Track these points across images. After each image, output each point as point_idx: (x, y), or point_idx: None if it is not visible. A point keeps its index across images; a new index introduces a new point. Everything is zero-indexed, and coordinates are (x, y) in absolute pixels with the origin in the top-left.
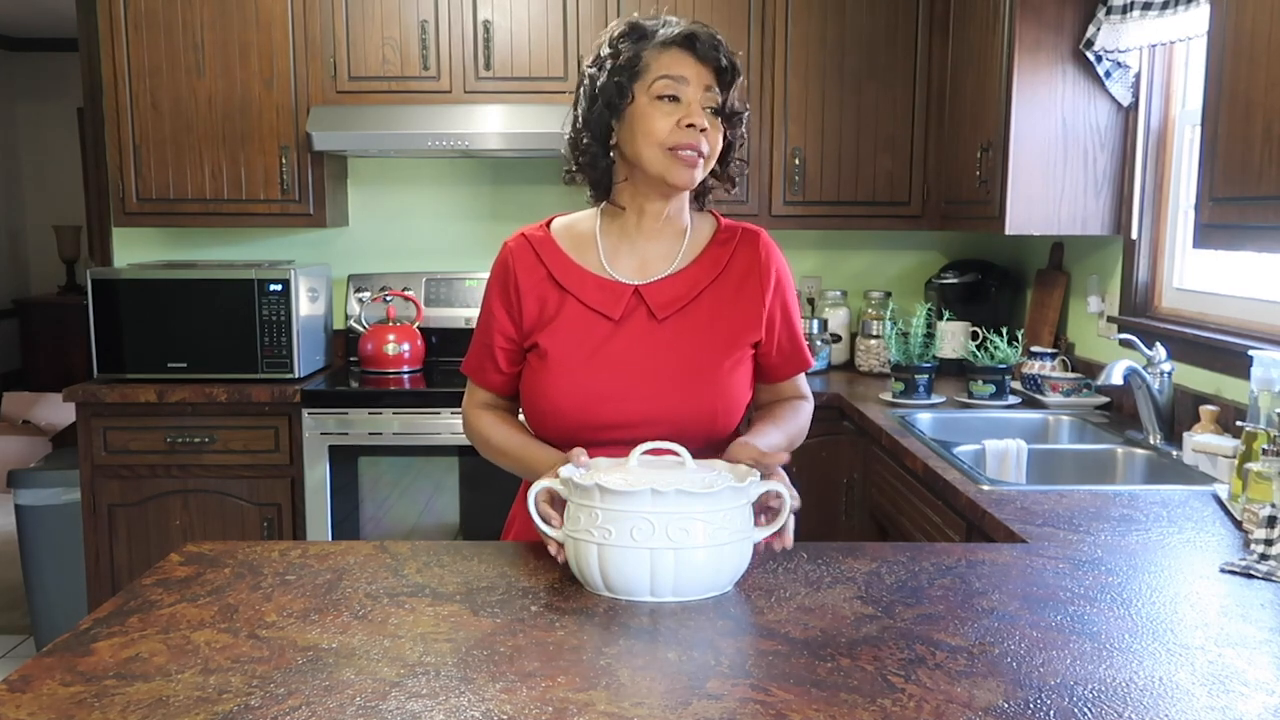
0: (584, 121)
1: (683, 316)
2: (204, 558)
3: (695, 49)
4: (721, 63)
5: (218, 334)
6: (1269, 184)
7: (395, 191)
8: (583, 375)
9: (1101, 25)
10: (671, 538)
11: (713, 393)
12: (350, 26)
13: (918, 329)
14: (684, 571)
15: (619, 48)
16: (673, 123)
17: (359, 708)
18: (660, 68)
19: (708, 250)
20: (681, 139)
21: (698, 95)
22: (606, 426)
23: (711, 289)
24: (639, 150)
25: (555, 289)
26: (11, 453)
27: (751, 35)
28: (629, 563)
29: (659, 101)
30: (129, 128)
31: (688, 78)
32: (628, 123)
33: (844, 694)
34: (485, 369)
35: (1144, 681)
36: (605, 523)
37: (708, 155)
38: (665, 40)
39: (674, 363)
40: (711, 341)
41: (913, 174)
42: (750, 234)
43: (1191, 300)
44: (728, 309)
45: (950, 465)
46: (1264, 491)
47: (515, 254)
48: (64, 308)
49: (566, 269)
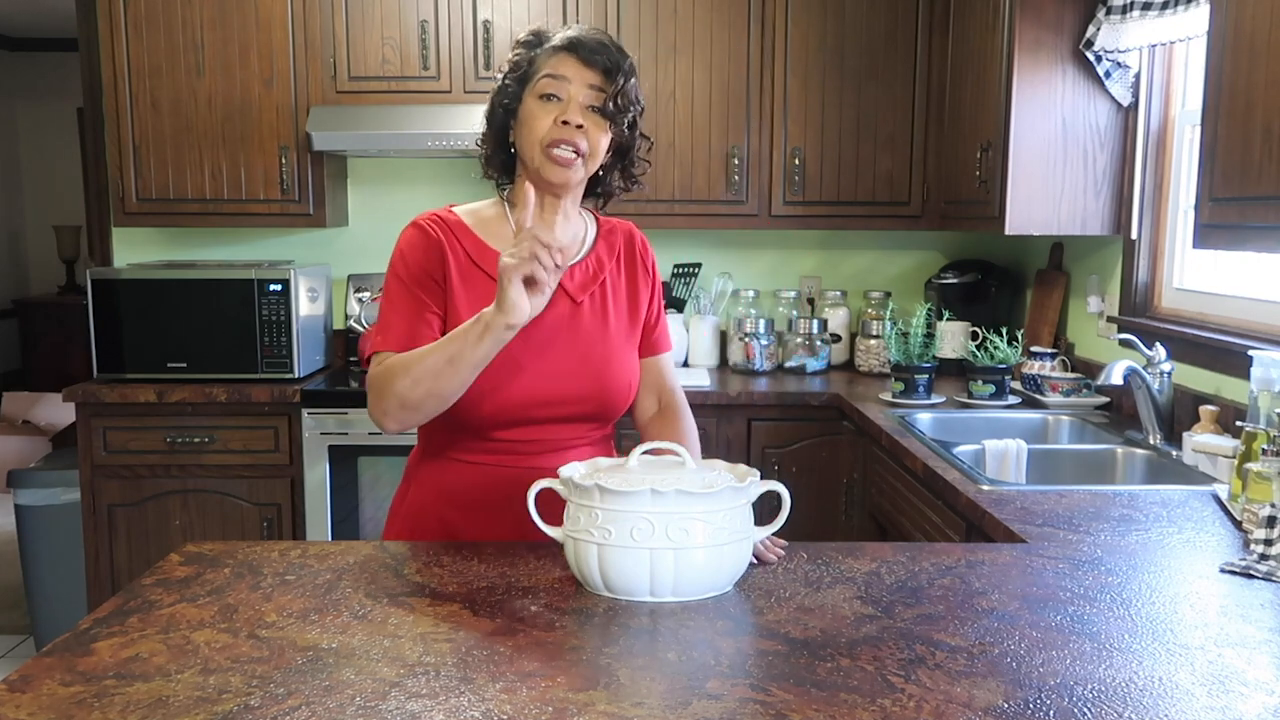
0: (486, 120)
1: (594, 300)
2: (204, 558)
3: (579, 52)
4: (605, 64)
5: (217, 334)
6: (1269, 184)
7: (395, 191)
8: (507, 357)
9: (1101, 25)
10: (671, 538)
11: (626, 371)
12: (350, 26)
13: (918, 329)
14: (684, 571)
15: (516, 53)
16: (550, 120)
17: (359, 708)
18: (545, 69)
19: (600, 241)
20: (558, 135)
21: (579, 93)
22: (531, 405)
23: (611, 275)
24: (523, 148)
25: (477, 271)
26: (11, 453)
27: (751, 35)
28: (629, 563)
29: (542, 101)
30: (129, 128)
31: (569, 77)
32: (518, 122)
33: (844, 694)
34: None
35: (1144, 681)
36: (605, 523)
37: (587, 153)
38: (554, 46)
39: (591, 342)
40: (619, 320)
41: (913, 174)
42: (626, 225)
43: (1191, 300)
44: (628, 292)
45: (950, 465)
46: (1264, 491)
47: (439, 228)
48: (64, 308)
49: (483, 252)
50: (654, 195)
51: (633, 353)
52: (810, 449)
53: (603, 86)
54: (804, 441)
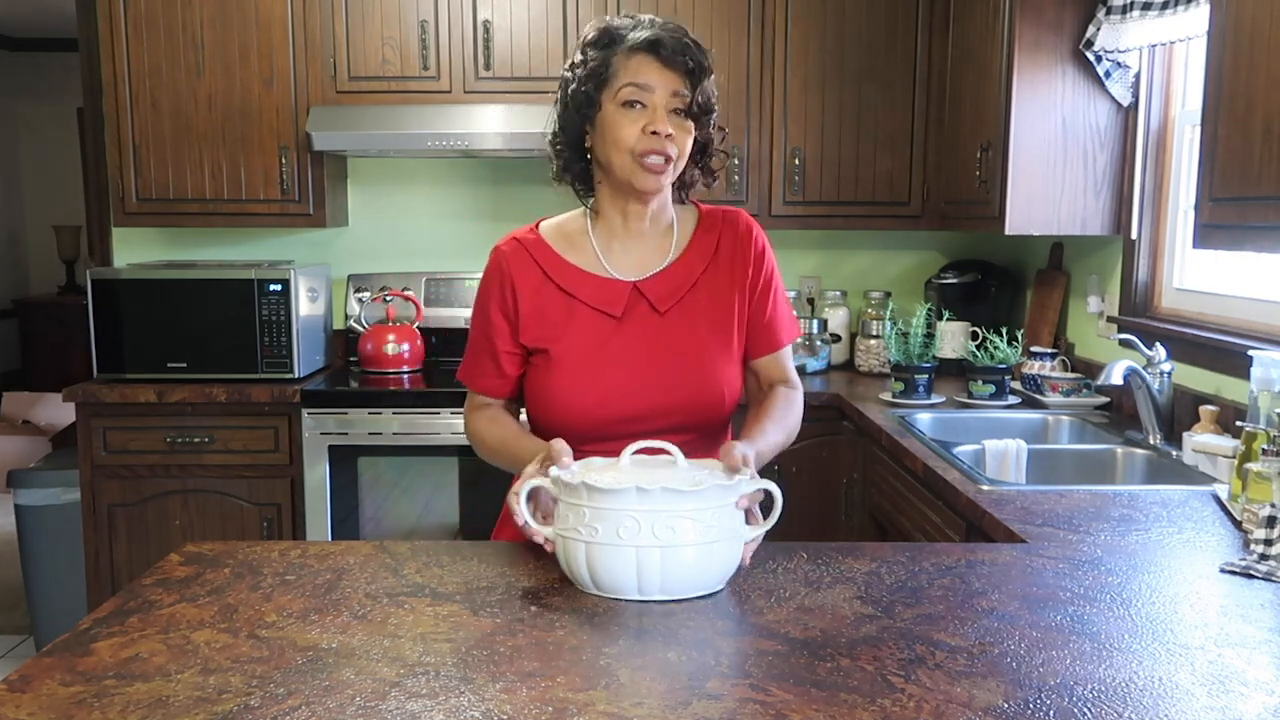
0: (560, 126)
1: (682, 307)
2: (204, 558)
3: (660, 54)
4: (688, 65)
5: (217, 334)
6: (1269, 184)
7: (395, 191)
8: (590, 375)
9: (1101, 25)
10: (658, 536)
11: (719, 378)
12: (350, 26)
13: (917, 329)
14: (671, 570)
15: (588, 55)
16: (638, 130)
17: (359, 708)
18: (626, 75)
19: (695, 239)
20: (648, 145)
21: (663, 100)
22: (617, 422)
23: (705, 276)
24: (608, 156)
25: (554, 290)
26: (11, 453)
27: (751, 35)
28: (616, 561)
29: (625, 108)
30: (129, 128)
31: (652, 85)
32: (598, 129)
33: (844, 694)
34: (483, 374)
35: (1144, 681)
36: (592, 521)
37: (675, 158)
38: (631, 46)
39: (679, 353)
40: (711, 328)
41: (912, 174)
42: (731, 214)
43: (1191, 300)
44: (724, 293)
45: (950, 465)
46: (1264, 491)
47: (509, 258)
48: (64, 308)
49: (563, 270)
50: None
51: (730, 359)
52: (810, 449)
53: (687, 90)
54: (804, 441)
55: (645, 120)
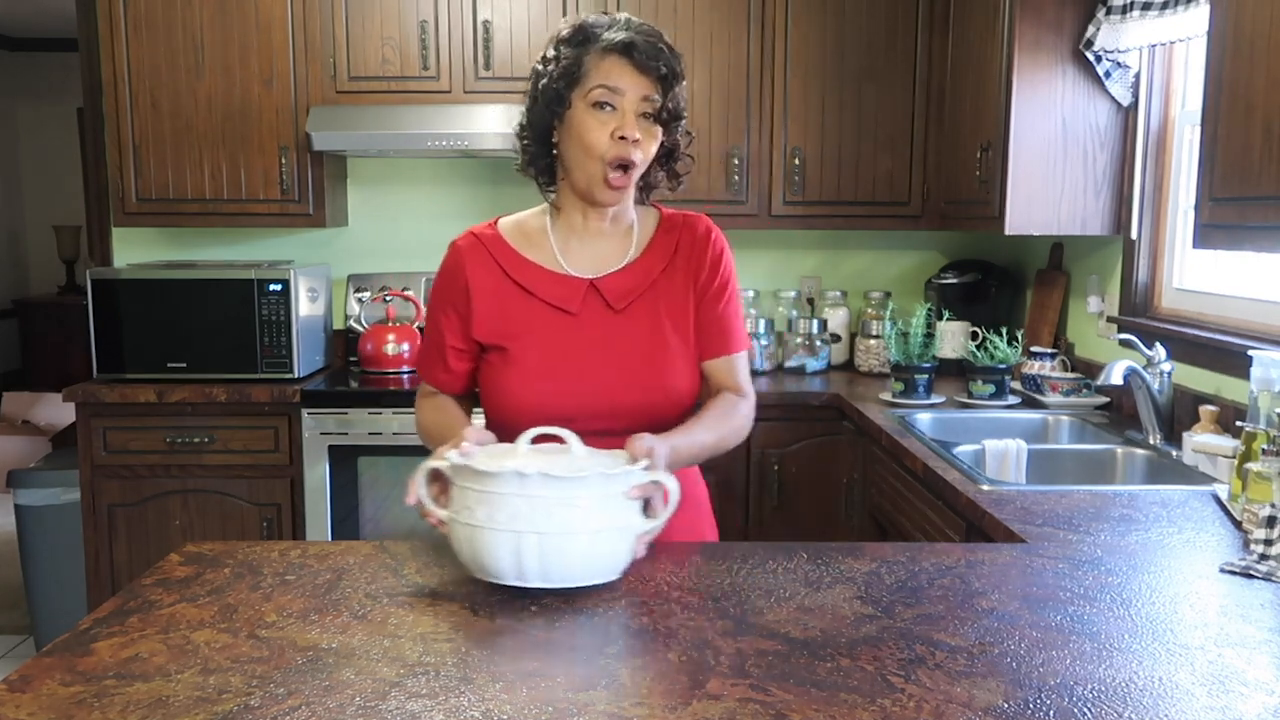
0: (528, 119)
1: (639, 306)
2: (204, 558)
3: (634, 57)
4: (661, 70)
5: (217, 334)
6: (1269, 184)
7: (395, 191)
8: (545, 371)
9: (1101, 25)
10: (535, 522)
11: (674, 378)
12: (350, 27)
13: (917, 329)
14: (550, 557)
15: (561, 51)
16: (607, 134)
17: (359, 708)
18: (598, 76)
19: (655, 240)
20: (616, 152)
21: (634, 104)
22: (572, 419)
23: (663, 277)
24: (574, 158)
25: (511, 286)
26: (11, 453)
27: (751, 35)
28: (495, 546)
29: (594, 109)
30: (129, 128)
31: (624, 88)
32: (566, 126)
33: (844, 694)
34: (434, 368)
35: (1144, 681)
36: (475, 504)
37: (639, 164)
38: (605, 47)
39: (635, 352)
40: (668, 328)
41: (912, 174)
42: (692, 218)
43: (1191, 300)
44: (681, 294)
45: (950, 465)
46: (1264, 491)
47: (465, 254)
48: (64, 308)
49: (520, 266)
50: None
51: (687, 359)
52: (810, 449)
53: (658, 95)
54: (804, 441)
55: (614, 124)
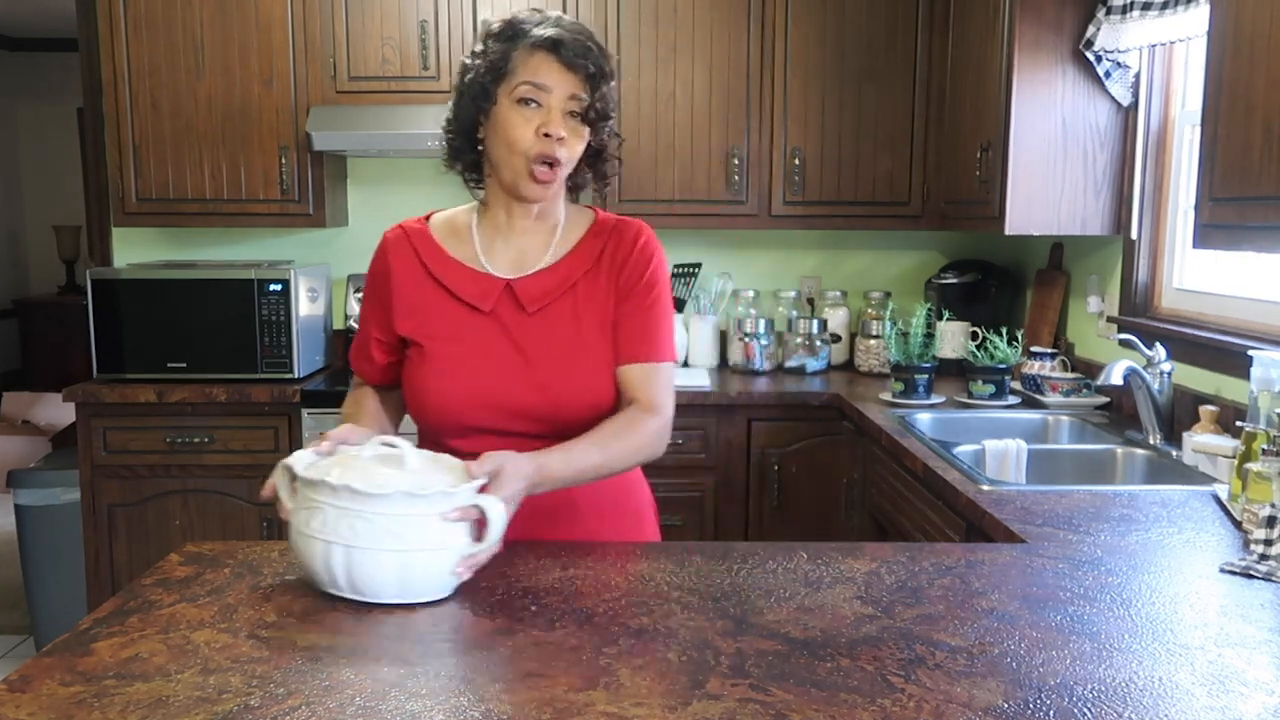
0: (454, 114)
1: (554, 310)
2: (204, 558)
3: (561, 55)
4: (589, 69)
5: (217, 334)
6: (1269, 184)
7: (395, 191)
8: (455, 369)
9: (1101, 25)
10: (341, 534)
11: (586, 384)
12: (350, 27)
13: (917, 329)
14: (356, 571)
15: (489, 46)
16: (531, 131)
17: (359, 708)
18: (525, 72)
19: (582, 244)
20: (540, 149)
21: (560, 102)
22: (482, 420)
23: (585, 281)
24: (499, 154)
25: (430, 282)
26: (11, 453)
27: (751, 35)
28: (310, 552)
29: (520, 106)
30: (129, 128)
31: (550, 85)
32: (491, 122)
33: (844, 694)
34: (358, 357)
35: (1144, 681)
36: (299, 508)
37: (564, 162)
38: (533, 44)
39: (545, 355)
40: (581, 333)
41: (912, 174)
42: (626, 223)
43: (1191, 300)
44: (602, 300)
45: (950, 465)
46: (1264, 491)
47: (391, 246)
48: (64, 308)
49: (442, 262)
50: (654, 195)
51: (603, 365)
52: (810, 449)
53: (585, 94)
54: (804, 442)
55: (539, 121)
